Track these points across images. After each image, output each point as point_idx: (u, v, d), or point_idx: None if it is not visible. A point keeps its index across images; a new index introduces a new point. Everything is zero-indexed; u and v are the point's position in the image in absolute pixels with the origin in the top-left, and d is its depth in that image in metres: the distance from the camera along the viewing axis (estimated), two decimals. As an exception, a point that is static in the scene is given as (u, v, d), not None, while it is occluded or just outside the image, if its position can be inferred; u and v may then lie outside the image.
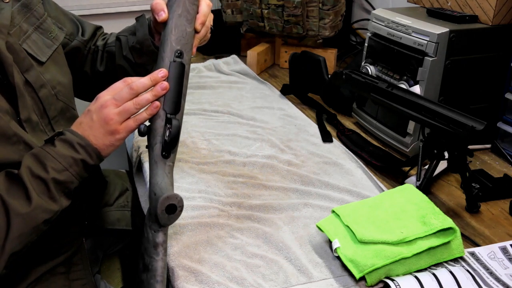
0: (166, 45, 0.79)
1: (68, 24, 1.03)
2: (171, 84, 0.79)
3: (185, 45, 0.80)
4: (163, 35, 0.80)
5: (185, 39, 0.80)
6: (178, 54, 0.79)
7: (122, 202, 1.19)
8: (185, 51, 0.80)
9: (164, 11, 0.80)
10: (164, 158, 0.78)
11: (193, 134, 1.24)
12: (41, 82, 0.87)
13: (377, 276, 0.77)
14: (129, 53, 1.00)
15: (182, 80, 0.79)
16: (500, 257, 0.83)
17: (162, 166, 0.78)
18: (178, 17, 0.80)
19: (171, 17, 0.80)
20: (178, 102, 0.79)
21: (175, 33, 0.79)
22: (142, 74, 1.05)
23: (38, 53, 0.89)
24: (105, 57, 1.05)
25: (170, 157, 0.78)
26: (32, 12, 0.91)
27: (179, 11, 0.80)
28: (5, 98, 0.80)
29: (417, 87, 1.09)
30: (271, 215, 0.94)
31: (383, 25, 1.20)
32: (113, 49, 1.04)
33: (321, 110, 1.40)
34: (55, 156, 0.76)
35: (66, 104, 0.94)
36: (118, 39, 1.04)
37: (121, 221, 1.15)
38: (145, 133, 0.79)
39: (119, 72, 1.03)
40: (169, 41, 0.79)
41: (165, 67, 0.79)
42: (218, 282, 0.77)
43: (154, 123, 0.79)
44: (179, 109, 0.79)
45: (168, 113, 0.78)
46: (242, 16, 1.73)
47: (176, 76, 0.79)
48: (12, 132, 0.77)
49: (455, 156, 0.92)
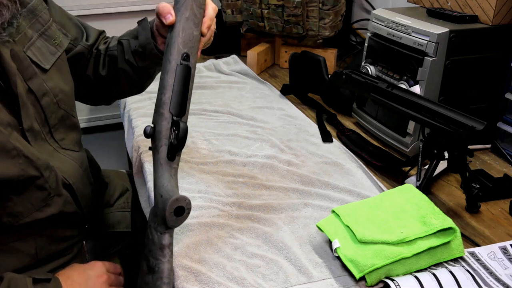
0: (173, 48, 0.79)
1: (73, 29, 1.02)
2: (178, 86, 0.78)
3: (191, 48, 0.80)
4: (169, 37, 0.80)
5: (191, 42, 0.80)
6: (184, 57, 0.79)
7: (122, 203, 1.19)
8: (192, 54, 0.80)
9: (171, 13, 0.80)
10: (169, 161, 0.78)
11: (193, 134, 1.24)
12: (44, 90, 0.87)
13: (377, 276, 0.77)
14: (132, 57, 1.00)
15: (188, 83, 0.79)
16: (500, 257, 0.83)
17: (167, 168, 0.78)
18: (186, 20, 0.80)
19: (179, 20, 0.80)
20: (184, 105, 0.79)
21: (182, 36, 0.79)
22: (144, 78, 1.05)
23: (42, 60, 0.89)
24: (107, 61, 1.04)
25: (175, 159, 0.78)
26: (37, 18, 0.90)
27: (186, 14, 0.80)
28: (7, 108, 0.79)
29: (417, 87, 1.09)
30: (271, 215, 0.94)
31: (383, 25, 1.20)
32: (115, 53, 1.03)
33: (321, 110, 1.40)
34: None
35: (67, 112, 0.94)
36: (120, 43, 1.03)
37: (121, 223, 1.15)
38: (151, 135, 0.79)
39: (121, 76, 1.03)
40: (176, 44, 0.79)
41: (172, 69, 0.79)
42: (218, 282, 0.77)
43: (159, 125, 0.78)
44: (184, 111, 0.79)
45: (174, 115, 0.78)
46: (242, 16, 1.73)
47: (183, 78, 0.79)
48: (11, 146, 0.77)
49: (455, 156, 0.92)
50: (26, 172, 0.79)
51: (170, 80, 0.78)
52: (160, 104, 0.78)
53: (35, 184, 0.81)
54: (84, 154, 1.00)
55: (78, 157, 0.96)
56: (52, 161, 0.86)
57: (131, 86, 1.07)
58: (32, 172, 0.80)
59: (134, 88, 1.09)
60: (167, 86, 0.78)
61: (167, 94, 0.78)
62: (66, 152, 0.92)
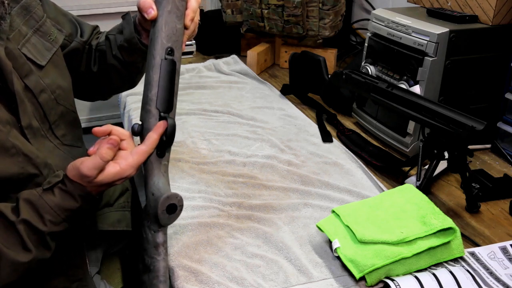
0: (157, 42, 0.78)
1: (67, 25, 1.02)
2: (163, 82, 0.77)
3: (175, 42, 0.79)
4: (152, 32, 0.79)
5: (175, 36, 0.79)
6: (169, 52, 0.78)
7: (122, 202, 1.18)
8: (176, 48, 0.79)
9: (152, 8, 0.78)
10: (159, 158, 0.77)
11: (193, 134, 1.24)
12: (41, 87, 0.87)
13: (377, 276, 0.77)
14: (118, 52, 0.99)
15: (174, 78, 0.78)
16: (500, 257, 0.83)
17: (157, 165, 0.77)
18: (168, 13, 0.78)
19: (161, 14, 0.78)
20: (170, 100, 0.78)
21: (165, 30, 0.78)
22: (133, 72, 1.05)
23: (38, 57, 0.88)
24: (97, 57, 1.04)
25: (165, 156, 0.78)
26: (31, 15, 0.90)
27: (168, 8, 0.78)
28: (5, 106, 0.79)
29: (417, 87, 1.09)
30: (271, 215, 0.94)
31: (383, 25, 1.20)
32: (104, 48, 1.02)
33: (321, 110, 1.40)
34: (54, 208, 0.75)
35: (66, 107, 0.93)
36: (107, 38, 1.02)
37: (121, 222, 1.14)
38: (139, 133, 0.78)
39: (112, 71, 1.02)
40: (159, 38, 0.78)
41: (156, 65, 0.77)
42: (218, 282, 0.77)
43: (147, 122, 0.77)
44: (171, 107, 0.78)
45: (162, 111, 0.77)
46: (242, 16, 1.73)
47: (168, 73, 0.78)
48: (10, 144, 0.76)
49: (455, 156, 0.92)
50: (25, 170, 0.79)
51: (155, 76, 0.77)
52: (147, 101, 0.77)
53: (34, 182, 0.81)
54: (85, 151, 1.00)
55: (79, 154, 0.95)
56: (51, 158, 0.86)
57: (123, 81, 1.06)
58: (31, 170, 0.80)
59: (126, 83, 1.08)
60: (152, 82, 0.77)
61: (153, 90, 0.77)
62: (66, 148, 0.92)
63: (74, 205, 0.76)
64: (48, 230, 0.75)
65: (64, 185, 0.76)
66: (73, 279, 0.93)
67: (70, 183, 0.76)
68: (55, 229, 0.76)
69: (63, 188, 0.76)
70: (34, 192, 0.76)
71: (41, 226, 0.74)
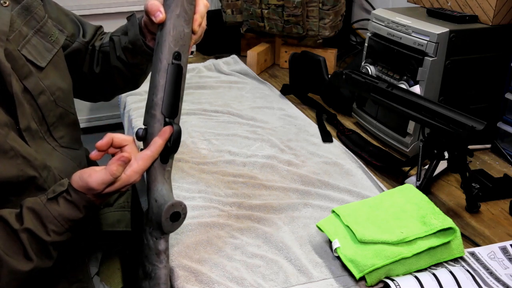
0: (164, 46, 0.76)
1: (69, 25, 1.01)
2: (170, 87, 0.76)
3: (183, 47, 0.78)
4: (160, 35, 0.77)
5: (183, 40, 0.77)
6: (176, 56, 0.76)
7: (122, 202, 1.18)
8: (183, 52, 0.77)
9: (160, 11, 0.77)
10: (163, 163, 0.76)
11: (193, 134, 1.24)
12: (40, 89, 0.86)
13: (377, 276, 0.77)
14: (122, 53, 0.98)
15: (180, 83, 0.77)
16: (500, 257, 0.83)
17: (161, 171, 0.76)
18: (177, 17, 0.77)
19: (169, 17, 0.77)
20: (176, 106, 0.77)
21: (173, 34, 0.76)
22: (137, 74, 1.04)
23: (38, 58, 0.87)
24: (101, 58, 1.03)
25: (168, 162, 0.77)
26: (32, 15, 0.89)
27: (177, 12, 0.77)
28: (3, 108, 0.79)
29: (417, 87, 1.09)
30: (271, 215, 0.94)
31: (383, 25, 1.20)
32: (108, 49, 1.01)
33: (321, 110, 1.40)
34: (57, 218, 0.74)
35: (66, 109, 0.93)
36: (111, 39, 1.01)
37: (121, 222, 1.14)
38: (143, 137, 0.77)
39: (115, 73, 1.02)
40: (167, 42, 0.76)
41: (163, 69, 0.76)
42: (218, 282, 0.77)
43: (152, 127, 0.76)
44: (177, 112, 0.77)
45: (167, 116, 0.76)
46: (242, 16, 1.73)
47: (175, 78, 0.76)
48: (9, 147, 0.76)
49: (455, 156, 0.92)
50: (24, 173, 0.79)
51: (162, 80, 0.76)
52: (152, 105, 0.76)
53: (34, 185, 0.81)
54: (83, 153, 1.00)
55: (77, 156, 0.95)
56: (49, 160, 0.86)
57: (126, 82, 1.06)
58: (30, 172, 0.80)
59: (129, 84, 1.08)
60: (158, 86, 0.76)
61: (159, 94, 0.76)
62: (65, 150, 0.92)
63: (78, 216, 0.76)
64: (51, 240, 0.74)
65: (69, 195, 0.75)
66: (73, 280, 0.93)
67: (75, 193, 0.75)
68: (58, 239, 0.75)
69: (67, 198, 0.75)
70: (39, 201, 0.75)
71: (44, 236, 0.74)
